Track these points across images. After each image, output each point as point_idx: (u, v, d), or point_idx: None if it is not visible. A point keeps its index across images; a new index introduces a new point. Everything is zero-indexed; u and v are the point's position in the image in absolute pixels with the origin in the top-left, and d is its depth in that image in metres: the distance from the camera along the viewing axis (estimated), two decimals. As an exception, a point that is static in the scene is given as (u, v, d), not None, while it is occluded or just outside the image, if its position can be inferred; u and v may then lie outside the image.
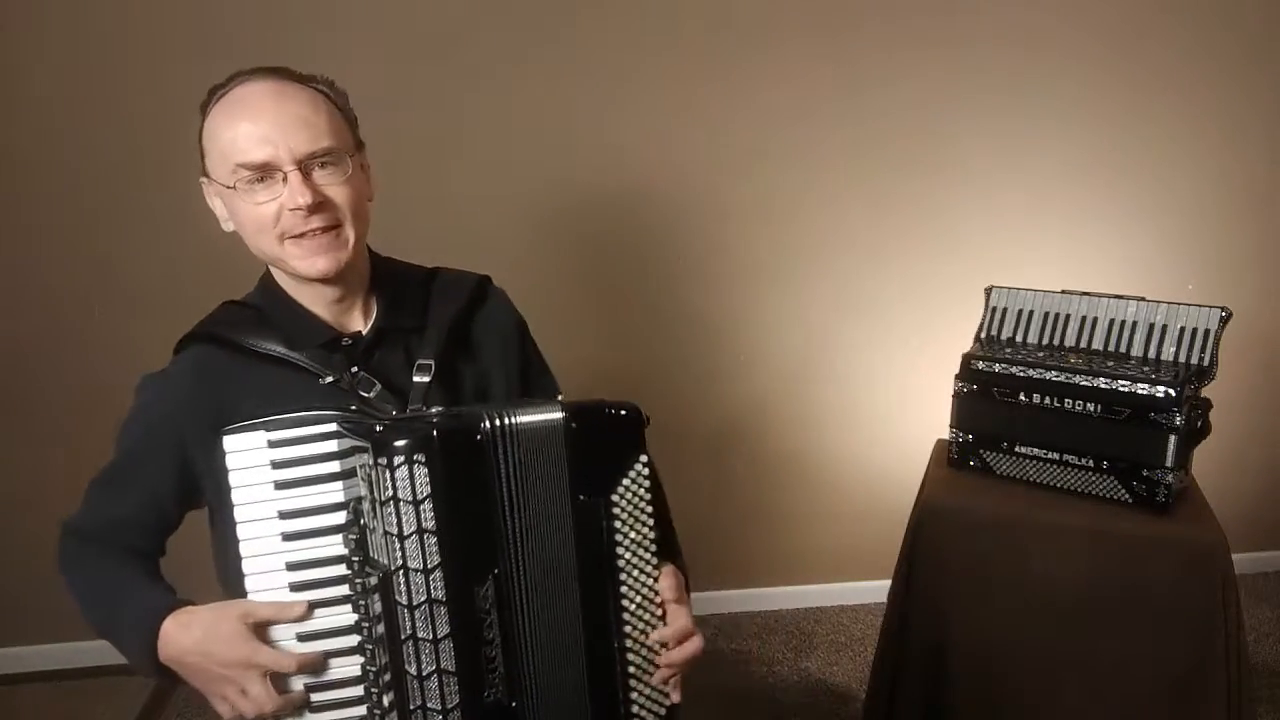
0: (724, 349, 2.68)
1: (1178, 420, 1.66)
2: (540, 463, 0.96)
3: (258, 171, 1.01)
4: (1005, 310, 2.00)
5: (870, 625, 2.71)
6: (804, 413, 2.75)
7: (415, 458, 0.87)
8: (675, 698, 1.05)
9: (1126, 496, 1.75)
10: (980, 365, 1.87)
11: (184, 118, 2.33)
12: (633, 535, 1.01)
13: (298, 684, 0.95)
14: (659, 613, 1.04)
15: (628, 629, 1.02)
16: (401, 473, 0.87)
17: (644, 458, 1.01)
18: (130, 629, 1.01)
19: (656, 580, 1.03)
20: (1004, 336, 1.99)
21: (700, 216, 2.57)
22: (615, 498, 1.00)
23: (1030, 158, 2.65)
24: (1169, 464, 1.68)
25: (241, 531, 0.96)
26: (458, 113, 2.30)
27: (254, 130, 1.00)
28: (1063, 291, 1.95)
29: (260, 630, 0.95)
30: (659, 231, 2.56)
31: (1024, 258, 2.67)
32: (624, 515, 1.00)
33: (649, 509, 1.02)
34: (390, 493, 0.88)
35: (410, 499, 0.87)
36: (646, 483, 1.01)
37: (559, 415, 0.97)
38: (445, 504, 0.89)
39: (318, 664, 0.95)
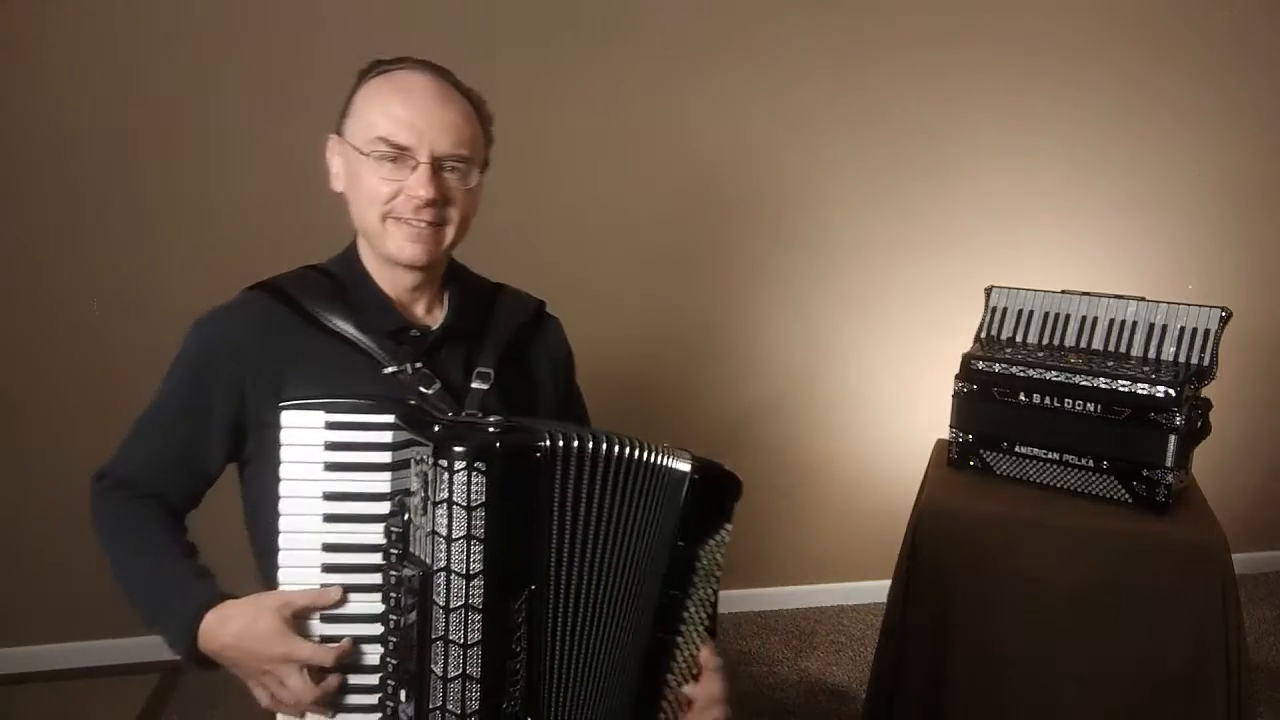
0: (724, 349, 2.68)
1: (1178, 420, 1.66)
2: (647, 497, 1.00)
3: (394, 150, 1.05)
4: (1005, 310, 2.00)
5: (870, 625, 2.71)
6: (804, 413, 2.75)
7: (476, 464, 0.88)
8: None
9: (1126, 496, 1.75)
10: (980, 365, 1.87)
11: (185, 118, 2.34)
12: (700, 592, 1.05)
13: (334, 677, 0.97)
14: (696, 672, 1.08)
15: (669, 676, 1.06)
16: (460, 477, 0.88)
17: (729, 525, 1.06)
18: (169, 621, 1.03)
19: (703, 642, 1.07)
20: (1004, 336, 1.99)
21: (700, 216, 2.58)
22: (700, 553, 1.04)
23: (1030, 158, 2.65)
24: (1169, 464, 1.68)
25: (284, 506, 0.97)
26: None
27: (408, 115, 1.05)
28: (1063, 291, 1.95)
29: (297, 619, 0.96)
30: (658, 232, 2.56)
31: (1024, 258, 2.67)
32: (701, 571, 1.05)
33: (719, 572, 1.06)
34: (445, 494, 0.88)
35: (464, 504, 0.88)
36: (724, 547, 1.06)
37: (687, 466, 1.02)
38: (496, 515, 0.89)
39: (352, 655, 0.97)
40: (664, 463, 1.02)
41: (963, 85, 2.57)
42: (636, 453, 1.00)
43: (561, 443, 0.95)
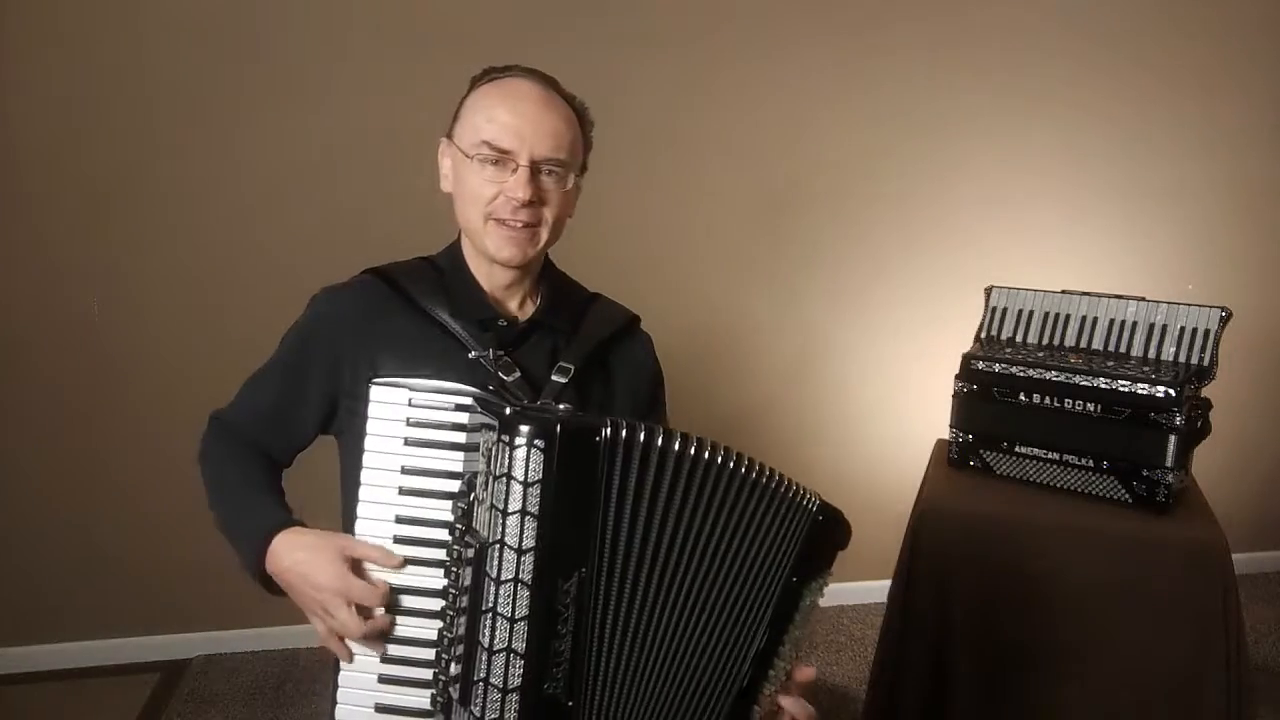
0: (723, 348, 2.68)
1: (1178, 420, 1.66)
2: (765, 526, 1.03)
3: (497, 154, 1.11)
4: (1005, 310, 2.00)
5: (870, 625, 2.71)
6: (803, 413, 2.75)
7: (535, 442, 0.91)
8: None
9: (1126, 496, 1.75)
10: (980, 365, 1.87)
11: (186, 118, 2.34)
12: (796, 632, 1.07)
13: (382, 617, 1.01)
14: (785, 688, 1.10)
15: (756, 709, 1.07)
16: (520, 453, 0.91)
17: (830, 571, 1.08)
18: (245, 537, 1.09)
19: (789, 676, 1.09)
20: (1004, 336, 1.99)
21: (700, 217, 2.58)
22: (806, 591, 1.06)
23: (1031, 158, 2.65)
24: (1169, 464, 1.68)
25: (365, 476, 1.03)
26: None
27: (512, 122, 1.11)
28: (1063, 291, 1.95)
29: (356, 566, 1.02)
30: (657, 231, 2.56)
31: (1024, 257, 2.67)
32: (803, 609, 1.07)
33: (814, 612, 1.08)
34: (505, 469, 0.92)
35: (521, 479, 0.92)
36: (824, 589, 1.08)
37: (815, 503, 1.06)
38: (552, 493, 0.93)
39: (393, 602, 1.02)
40: (783, 491, 1.04)
41: (963, 85, 2.57)
42: (767, 477, 1.03)
43: (625, 432, 0.96)
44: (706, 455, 1.00)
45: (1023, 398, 1.82)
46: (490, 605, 0.93)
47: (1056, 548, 1.74)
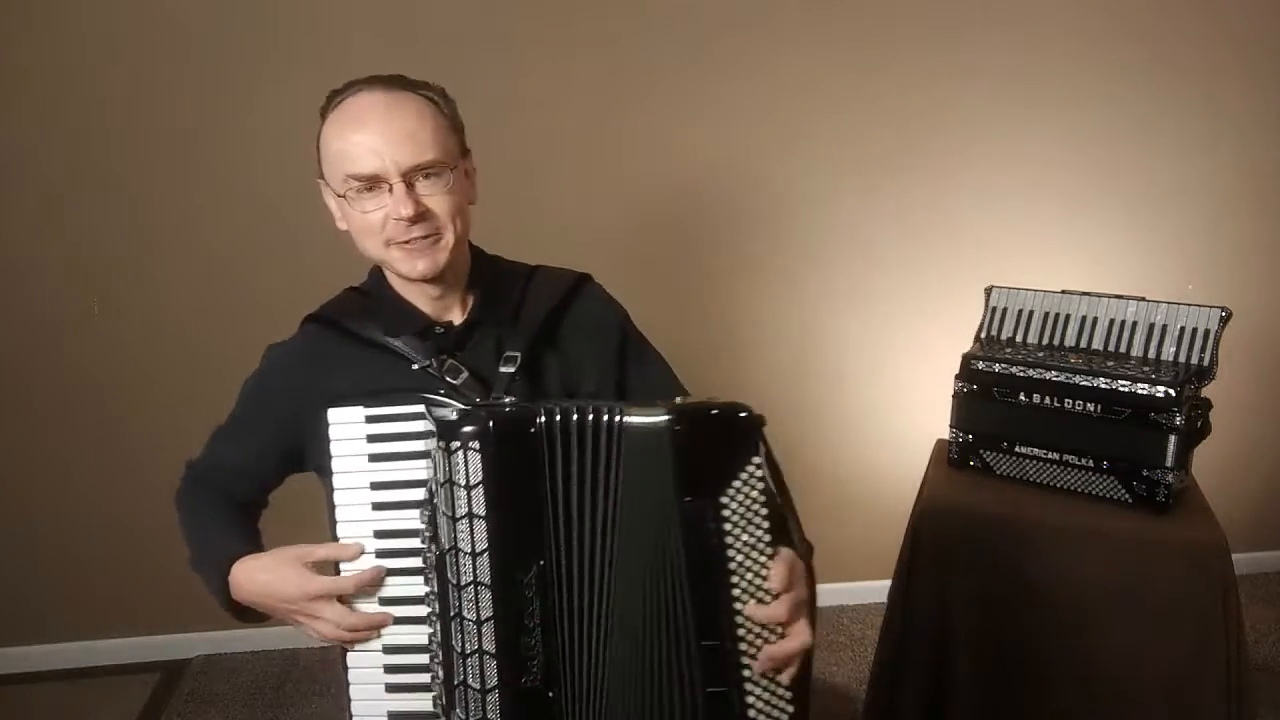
0: (722, 348, 2.68)
1: (1178, 420, 1.66)
2: (638, 463, 0.97)
3: (366, 181, 1.08)
4: (1005, 310, 2.00)
5: (870, 625, 2.71)
6: (803, 412, 2.75)
7: (470, 444, 0.92)
8: (785, 679, 1.02)
9: (1126, 496, 1.75)
10: (980, 365, 1.87)
11: (186, 119, 2.34)
12: (744, 538, 0.99)
13: (369, 602, 1.03)
14: (769, 602, 1.02)
15: (741, 631, 0.99)
16: (458, 457, 0.93)
17: (757, 459, 0.99)
18: (209, 572, 1.13)
19: (768, 577, 1.01)
20: (1004, 336, 1.99)
21: (699, 216, 2.58)
22: (725, 499, 0.98)
23: (1031, 157, 2.65)
24: (1169, 464, 1.68)
25: (338, 498, 1.05)
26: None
27: (363, 142, 1.07)
28: (1063, 291, 1.95)
29: (320, 568, 1.04)
30: (656, 231, 2.56)
31: (1024, 257, 2.67)
32: (734, 517, 0.98)
33: (764, 510, 0.99)
34: (448, 475, 0.94)
35: (464, 483, 0.93)
36: (760, 484, 0.99)
37: (664, 418, 0.97)
38: (495, 492, 0.93)
39: (375, 580, 1.02)
40: (638, 420, 0.98)
41: (964, 82, 2.57)
42: (613, 416, 0.97)
43: (558, 417, 0.96)
44: (594, 416, 0.97)
45: (1023, 398, 1.82)
46: (456, 610, 0.94)
47: (1056, 548, 1.74)
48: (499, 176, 2.42)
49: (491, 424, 0.93)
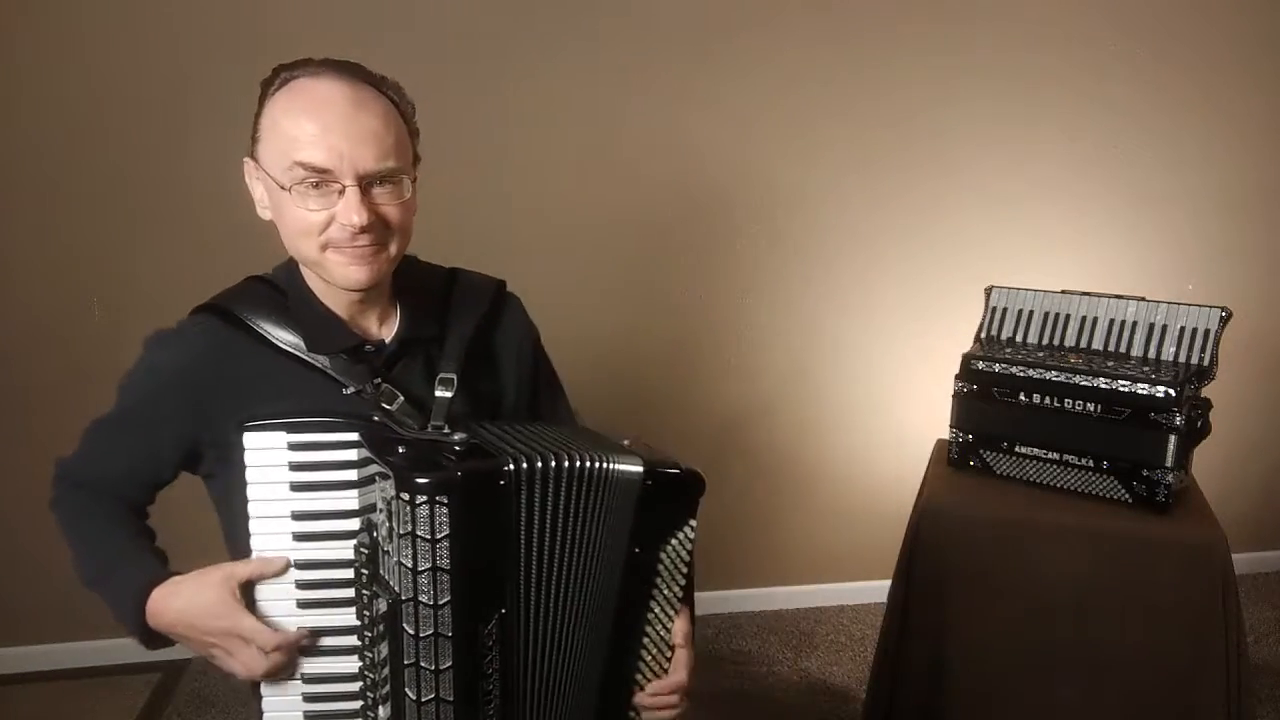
0: (724, 348, 2.68)
1: (1178, 420, 1.66)
2: (599, 509, 0.98)
3: (316, 175, 0.96)
4: (1005, 310, 2.00)
5: (870, 625, 2.71)
6: (804, 413, 2.75)
7: (437, 498, 0.87)
8: None
9: (1126, 496, 1.75)
10: (980, 365, 1.87)
11: (185, 118, 2.34)
12: (665, 592, 1.05)
13: (283, 654, 0.96)
14: (669, 655, 1.09)
15: (639, 677, 1.07)
16: (423, 510, 0.87)
17: (694, 521, 1.04)
18: (119, 598, 1.01)
19: (671, 630, 1.07)
20: (1004, 336, 1.99)
21: (700, 216, 2.58)
22: (661, 554, 1.03)
23: (1031, 158, 2.65)
24: (1169, 464, 1.68)
25: (254, 526, 0.97)
26: (459, 113, 2.31)
27: (322, 134, 0.95)
28: (1063, 291, 1.95)
29: (245, 590, 0.96)
30: (658, 231, 2.56)
31: (1024, 257, 2.67)
32: (664, 571, 1.04)
33: (685, 569, 1.05)
34: (409, 528, 0.87)
35: (428, 537, 0.87)
36: (689, 545, 1.04)
37: (638, 469, 0.99)
38: (461, 545, 0.89)
39: (297, 643, 0.96)
40: (617, 469, 0.99)
41: (964, 85, 2.57)
42: (589, 464, 0.97)
43: (525, 465, 0.94)
44: (570, 464, 0.96)
45: (1023, 398, 1.82)
46: (413, 660, 0.90)
47: (1056, 548, 1.74)
48: (500, 177, 2.43)
49: (460, 474, 0.89)
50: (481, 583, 0.93)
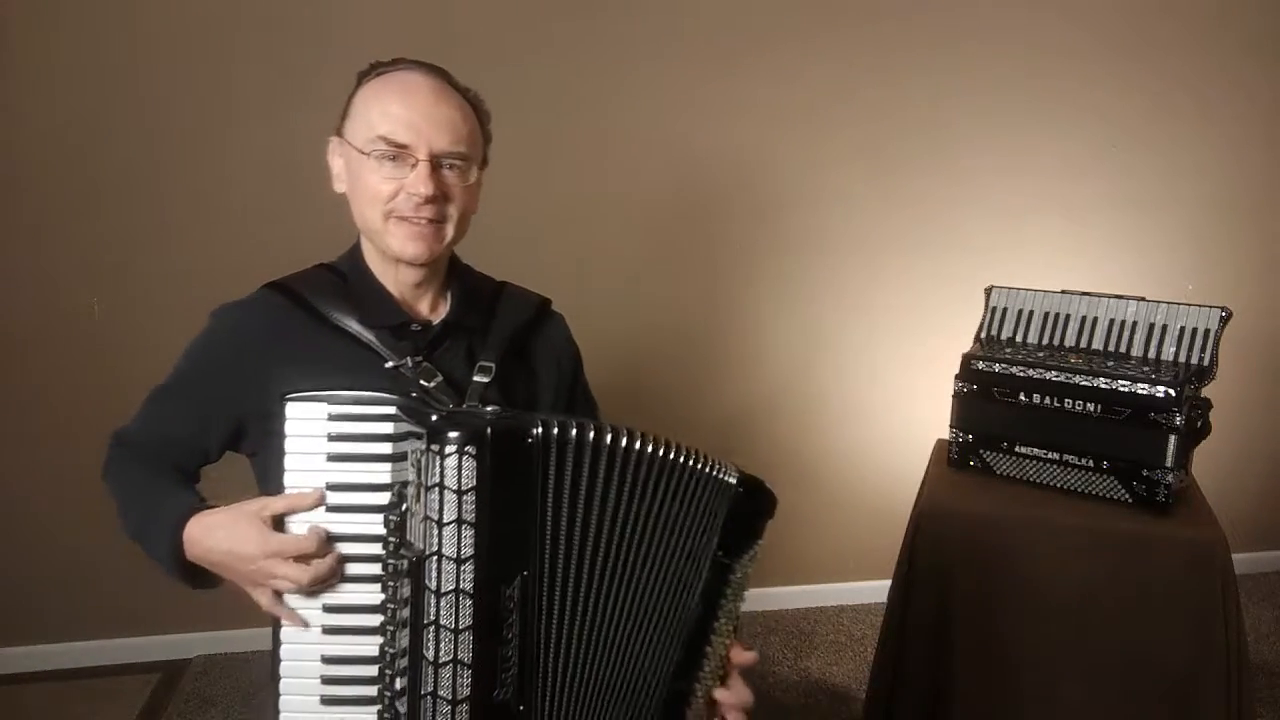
0: (723, 348, 2.68)
1: (1178, 420, 1.66)
2: (680, 506, 1.02)
3: (394, 149, 1.07)
4: (1005, 310, 2.00)
5: (870, 625, 2.71)
6: (804, 412, 2.75)
7: (466, 449, 0.89)
8: None
9: (1126, 496, 1.75)
10: (980, 365, 1.87)
11: (186, 118, 2.34)
12: (730, 606, 1.07)
13: (325, 560, 0.98)
14: (722, 673, 1.10)
15: (698, 687, 1.07)
16: (450, 461, 0.89)
17: (761, 541, 1.08)
18: (157, 533, 1.06)
19: (729, 648, 1.10)
20: (1004, 336, 1.99)
21: (700, 216, 2.58)
22: (736, 567, 1.07)
23: (1031, 158, 2.66)
24: (1169, 464, 1.68)
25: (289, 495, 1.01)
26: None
27: (406, 114, 1.07)
28: (1063, 291, 1.95)
29: (277, 523, 0.99)
30: (658, 232, 2.56)
31: (1024, 257, 2.67)
32: (735, 585, 1.07)
33: (745, 586, 1.09)
34: (437, 479, 0.89)
35: (455, 488, 0.89)
36: (752, 564, 1.09)
37: (735, 478, 1.05)
38: (486, 499, 0.91)
39: (335, 561, 0.99)
40: (709, 470, 1.03)
41: (964, 85, 2.58)
42: (670, 454, 1.00)
43: (556, 430, 0.95)
44: (636, 445, 0.99)
45: (1023, 398, 1.82)
46: (432, 618, 0.90)
47: (1056, 548, 1.74)
48: (503, 178, 2.43)
49: (489, 430, 0.91)
50: (505, 542, 0.93)
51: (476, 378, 1.12)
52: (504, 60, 2.34)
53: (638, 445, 0.98)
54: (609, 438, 0.97)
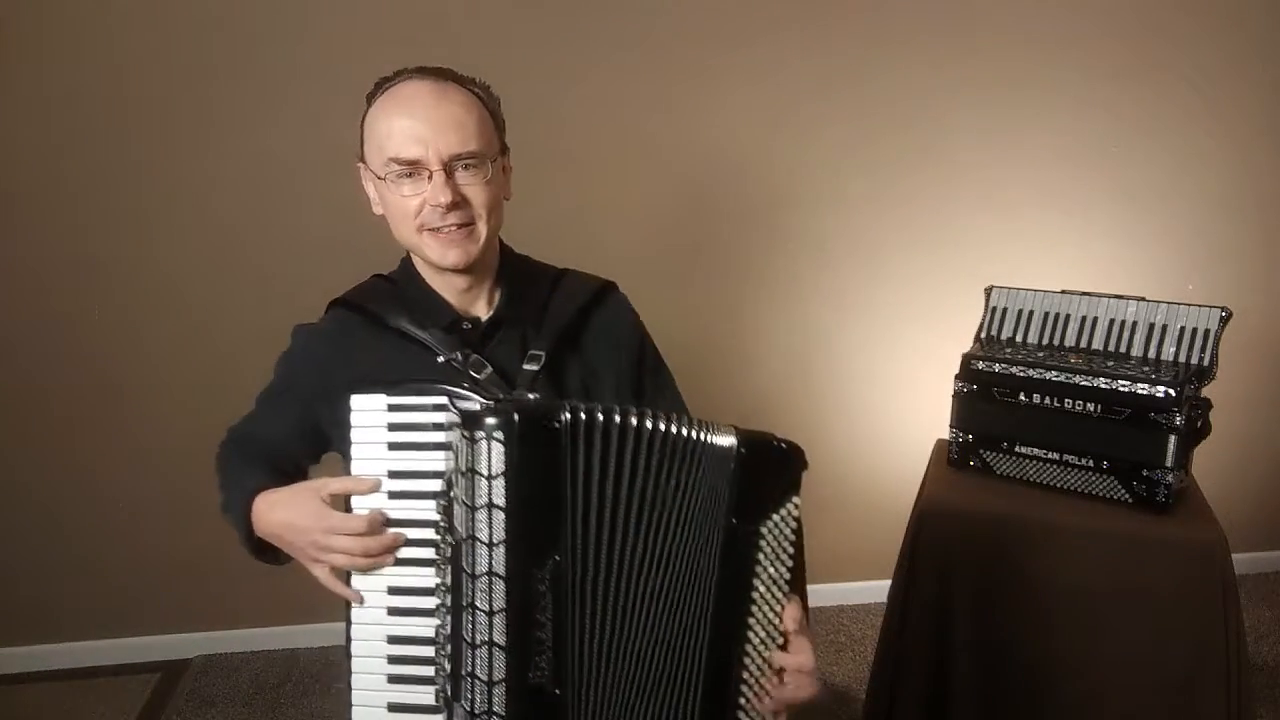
0: (722, 348, 2.68)
1: (1178, 420, 1.66)
2: (688, 479, 1.02)
3: (407, 166, 1.10)
4: (1005, 310, 2.00)
5: (870, 625, 2.71)
6: (803, 413, 2.75)
7: (494, 435, 0.93)
8: None
9: (1126, 496, 1.75)
10: (980, 365, 1.87)
11: (183, 119, 2.34)
12: (770, 571, 1.05)
13: (379, 538, 1.04)
14: (780, 642, 1.08)
15: (748, 660, 1.05)
16: (481, 446, 0.93)
17: (797, 498, 1.05)
18: (234, 508, 1.16)
19: (781, 613, 1.07)
20: (1004, 336, 1.99)
21: (700, 216, 2.58)
22: (764, 529, 1.04)
23: (1031, 157, 2.65)
24: (1169, 464, 1.68)
25: None
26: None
27: (409, 127, 1.09)
28: (1063, 291, 1.95)
29: (336, 502, 1.06)
30: (656, 232, 2.56)
31: (1024, 257, 2.67)
32: (767, 549, 1.04)
33: (790, 549, 1.06)
34: (470, 464, 0.94)
35: (485, 473, 0.93)
36: (794, 523, 1.05)
37: (732, 441, 1.02)
38: (516, 483, 0.94)
39: (394, 540, 1.03)
40: (702, 438, 1.02)
41: (962, 83, 2.57)
42: (669, 428, 1.00)
43: (583, 415, 0.97)
44: (647, 425, 1.00)
45: (1023, 398, 1.82)
46: (469, 600, 0.94)
47: (1056, 548, 1.74)
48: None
49: (516, 416, 0.94)
50: (535, 524, 0.96)
51: (526, 366, 1.16)
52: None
53: (662, 426, 1.00)
54: (634, 420, 0.99)
